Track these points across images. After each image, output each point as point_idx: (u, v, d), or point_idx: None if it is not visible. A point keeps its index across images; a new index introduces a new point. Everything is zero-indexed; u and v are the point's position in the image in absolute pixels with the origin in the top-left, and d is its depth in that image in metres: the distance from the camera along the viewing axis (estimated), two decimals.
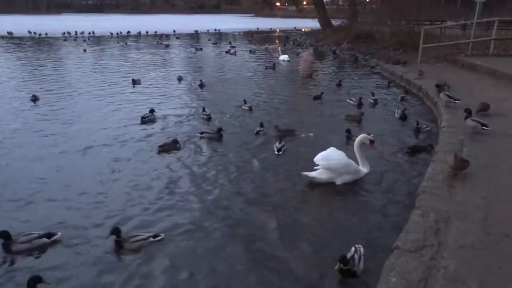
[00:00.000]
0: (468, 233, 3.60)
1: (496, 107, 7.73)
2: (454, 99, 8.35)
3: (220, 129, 7.81)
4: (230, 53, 21.75)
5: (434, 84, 9.77)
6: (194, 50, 23.34)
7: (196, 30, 37.72)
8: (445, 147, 5.88)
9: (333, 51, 22.73)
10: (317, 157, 5.79)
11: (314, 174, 5.76)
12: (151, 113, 9.10)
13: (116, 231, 4.21)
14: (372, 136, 6.21)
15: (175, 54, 22.05)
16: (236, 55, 21.33)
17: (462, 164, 4.80)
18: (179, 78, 13.98)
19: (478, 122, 6.46)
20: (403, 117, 8.97)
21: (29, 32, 32.32)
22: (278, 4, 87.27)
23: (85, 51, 21.80)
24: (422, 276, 3.02)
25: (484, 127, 6.39)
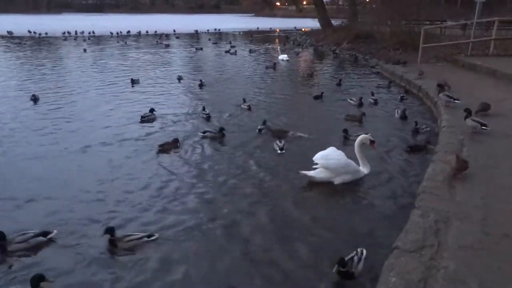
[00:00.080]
0: (467, 233, 3.59)
1: (496, 107, 7.73)
2: (454, 99, 8.35)
3: (222, 129, 7.81)
4: (230, 53, 21.74)
5: (436, 84, 9.76)
6: (194, 50, 23.35)
7: (196, 30, 37.71)
8: (445, 147, 5.88)
9: (333, 51, 22.72)
10: (316, 156, 5.78)
11: (312, 173, 5.76)
12: (151, 112, 9.09)
13: (110, 231, 4.21)
14: (369, 134, 6.21)
15: (175, 54, 22.04)
16: (236, 54, 21.31)
17: (464, 165, 4.79)
18: (179, 77, 13.96)
19: (477, 122, 6.45)
20: (403, 117, 8.97)
21: (29, 31, 32.29)
22: (278, 4, 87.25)
23: (85, 50, 21.78)
24: (422, 276, 3.01)
25: (483, 127, 6.38)
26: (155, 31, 34.41)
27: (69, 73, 15.16)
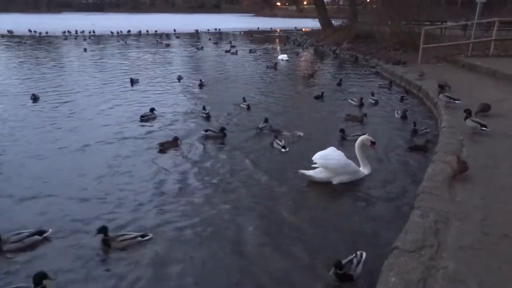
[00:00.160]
0: (467, 233, 3.59)
1: (496, 107, 7.73)
2: (454, 99, 8.36)
3: (223, 128, 7.80)
4: (231, 53, 21.73)
5: (437, 85, 9.76)
6: (195, 50, 23.37)
7: (196, 30, 37.72)
8: (445, 148, 5.88)
9: (334, 51, 22.72)
10: (316, 156, 5.78)
11: (311, 172, 5.76)
12: (152, 112, 9.09)
13: (103, 230, 4.20)
14: (367, 134, 6.21)
15: (175, 53, 22.04)
16: (237, 54, 21.31)
17: (464, 166, 4.79)
18: (179, 77, 13.95)
19: (477, 122, 6.46)
20: (404, 117, 8.97)
21: (30, 30, 32.27)
22: (278, 3, 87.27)
23: (85, 50, 21.76)
24: (421, 276, 3.01)
25: (483, 128, 6.39)
26: (156, 31, 34.41)
27: (69, 73, 15.15)
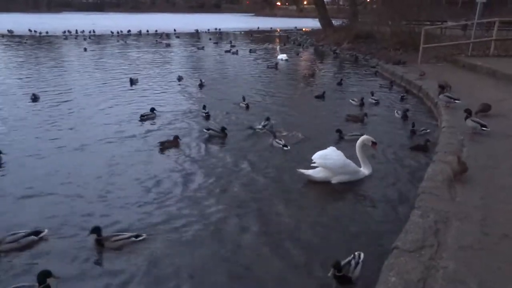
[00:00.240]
0: (467, 233, 3.59)
1: (496, 107, 7.73)
2: (454, 99, 8.36)
3: (224, 128, 7.79)
4: (231, 53, 21.71)
5: (437, 85, 9.75)
6: (195, 49, 23.39)
7: (196, 29, 37.71)
8: (445, 148, 5.88)
9: (334, 51, 22.72)
10: (315, 156, 5.78)
11: (310, 172, 5.76)
12: (152, 111, 9.09)
13: (96, 230, 4.19)
14: (365, 135, 6.21)
15: (176, 53, 22.03)
16: (238, 54, 21.30)
17: (464, 167, 4.78)
18: (179, 77, 13.93)
19: (477, 122, 6.46)
20: (404, 117, 8.97)
21: (30, 30, 32.24)
22: (278, 3, 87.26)
23: (85, 49, 21.76)
24: (421, 276, 3.01)
25: (483, 128, 6.39)
26: (156, 30, 34.39)
27: (69, 72, 15.14)
